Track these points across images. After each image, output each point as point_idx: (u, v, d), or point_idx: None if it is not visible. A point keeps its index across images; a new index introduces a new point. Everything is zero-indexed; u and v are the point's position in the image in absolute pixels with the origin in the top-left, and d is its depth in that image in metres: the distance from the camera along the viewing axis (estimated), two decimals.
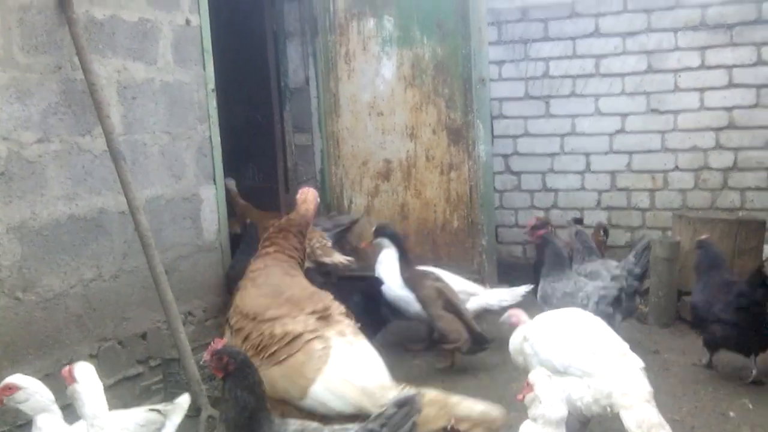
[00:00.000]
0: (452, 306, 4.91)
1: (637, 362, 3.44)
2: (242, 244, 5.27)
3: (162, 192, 4.65)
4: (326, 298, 3.35)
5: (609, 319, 4.24)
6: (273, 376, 2.98)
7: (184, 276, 4.75)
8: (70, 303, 3.98)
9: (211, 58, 5.09)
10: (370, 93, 6.43)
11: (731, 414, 4.28)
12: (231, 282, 4.82)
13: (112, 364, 4.20)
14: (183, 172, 4.82)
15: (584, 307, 4.32)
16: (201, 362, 3.29)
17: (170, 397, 4.22)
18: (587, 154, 7.55)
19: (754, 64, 6.97)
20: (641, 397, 3.29)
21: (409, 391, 2.78)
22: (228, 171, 5.50)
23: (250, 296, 3.40)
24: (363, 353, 3.08)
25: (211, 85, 5.08)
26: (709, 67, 7.11)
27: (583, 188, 7.60)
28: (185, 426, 4.01)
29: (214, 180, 5.08)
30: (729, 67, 7.05)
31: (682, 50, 7.17)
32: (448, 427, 2.83)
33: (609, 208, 7.45)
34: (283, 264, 3.56)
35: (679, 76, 7.20)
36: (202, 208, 4.96)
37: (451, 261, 5.98)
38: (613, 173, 7.48)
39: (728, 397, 4.49)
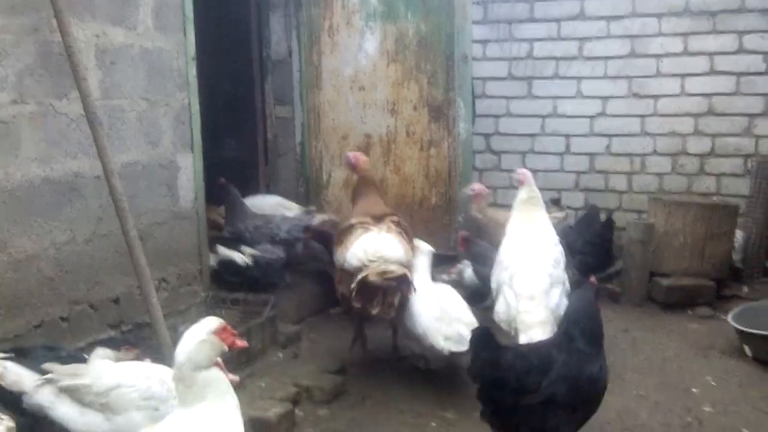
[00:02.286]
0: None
1: (542, 308, 4.23)
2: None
3: (138, 158, 4.64)
4: (387, 211, 4.86)
5: None
6: (340, 249, 4.60)
7: (158, 242, 4.76)
8: (42, 265, 3.98)
9: (193, 25, 5.06)
10: (353, 67, 6.42)
11: (694, 390, 4.38)
12: None
13: (83, 328, 4.21)
14: (160, 138, 4.81)
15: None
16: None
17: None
18: (567, 136, 7.60)
19: (736, 52, 7.03)
20: (534, 324, 4.12)
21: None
22: (207, 141, 5.50)
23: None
24: (381, 238, 4.50)
25: (192, 53, 5.05)
26: (691, 54, 7.16)
27: (562, 169, 7.66)
28: None
29: (192, 148, 5.07)
30: (710, 54, 7.11)
31: (666, 36, 7.21)
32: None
33: (587, 190, 7.51)
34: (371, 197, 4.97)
35: (662, 61, 7.25)
36: (179, 176, 4.96)
37: (429, 236, 5.99)
38: (592, 155, 7.54)
39: (693, 375, 4.60)
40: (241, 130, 7.01)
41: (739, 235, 6.62)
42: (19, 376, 3.11)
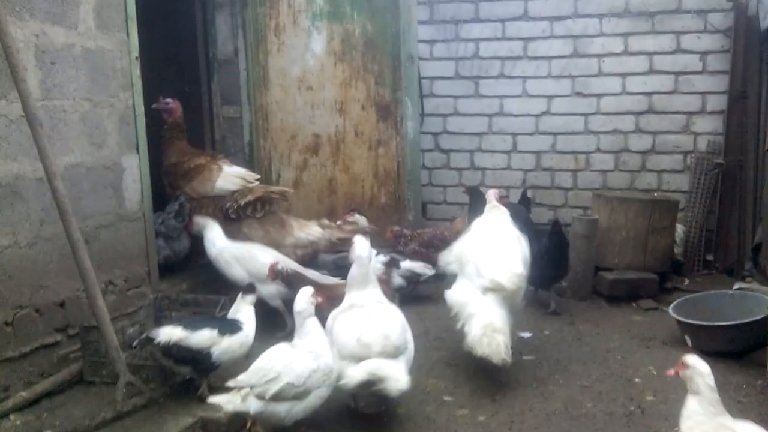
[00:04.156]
0: None
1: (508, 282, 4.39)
2: None
3: (82, 160, 4.56)
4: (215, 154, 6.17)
5: None
6: (193, 185, 5.73)
7: (104, 245, 4.69)
8: None
9: (135, 25, 5.00)
10: (300, 67, 6.42)
11: (636, 380, 4.51)
12: None
13: (28, 332, 4.13)
14: (104, 140, 4.74)
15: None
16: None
17: (89, 365, 4.21)
18: (514, 135, 7.73)
19: (674, 52, 7.24)
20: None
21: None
22: (153, 142, 5.44)
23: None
24: (234, 168, 5.86)
25: (135, 52, 4.99)
26: (632, 53, 7.36)
27: (509, 167, 7.78)
28: (104, 393, 4.01)
29: (138, 149, 5.01)
30: (650, 54, 7.31)
31: (607, 36, 7.39)
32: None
33: (533, 187, 7.64)
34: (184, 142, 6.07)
35: (603, 61, 7.42)
36: (125, 178, 4.89)
37: (378, 235, 6.05)
38: (538, 153, 7.68)
39: (635, 365, 4.72)
40: (189, 130, 6.93)
41: (680, 229, 6.84)
42: (201, 336, 3.88)
